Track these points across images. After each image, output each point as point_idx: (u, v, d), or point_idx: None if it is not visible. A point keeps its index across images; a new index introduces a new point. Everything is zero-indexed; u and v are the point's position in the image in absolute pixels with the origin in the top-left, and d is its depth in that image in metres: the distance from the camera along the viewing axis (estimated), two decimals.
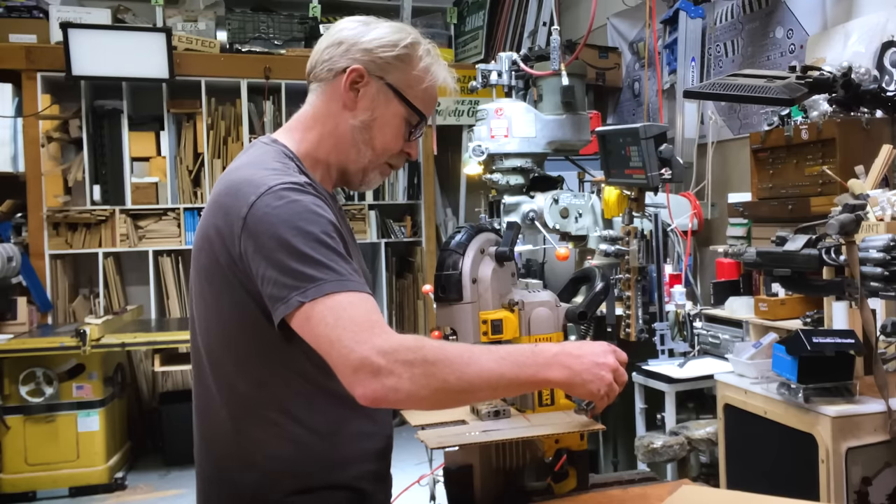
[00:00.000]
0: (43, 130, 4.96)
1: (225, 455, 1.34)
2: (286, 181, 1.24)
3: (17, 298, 4.65)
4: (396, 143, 1.39)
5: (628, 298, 2.87)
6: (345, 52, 1.36)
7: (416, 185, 5.85)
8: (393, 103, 1.37)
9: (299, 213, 1.21)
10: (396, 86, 1.37)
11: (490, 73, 3.40)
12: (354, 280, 1.19)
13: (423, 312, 5.79)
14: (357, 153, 1.38)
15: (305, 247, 1.18)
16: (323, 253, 1.19)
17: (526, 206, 3.21)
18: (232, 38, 5.50)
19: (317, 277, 1.17)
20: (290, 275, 1.17)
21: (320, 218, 1.22)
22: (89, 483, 4.37)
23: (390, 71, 1.36)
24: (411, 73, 1.37)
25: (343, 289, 1.17)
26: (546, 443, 1.50)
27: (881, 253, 1.99)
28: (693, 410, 3.06)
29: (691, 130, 4.15)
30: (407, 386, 1.12)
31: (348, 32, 1.38)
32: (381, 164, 1.41)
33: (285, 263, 1.18)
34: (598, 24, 5.06)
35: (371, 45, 1.35)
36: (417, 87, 1.38)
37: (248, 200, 1.22)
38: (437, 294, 1.52)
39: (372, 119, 1.36)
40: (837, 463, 2.06)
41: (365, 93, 1.36)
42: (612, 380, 1.27)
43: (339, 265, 1.19)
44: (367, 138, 1.37)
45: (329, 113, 1.38)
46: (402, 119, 1.38)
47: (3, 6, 4.97)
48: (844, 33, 3.19)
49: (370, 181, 1.43)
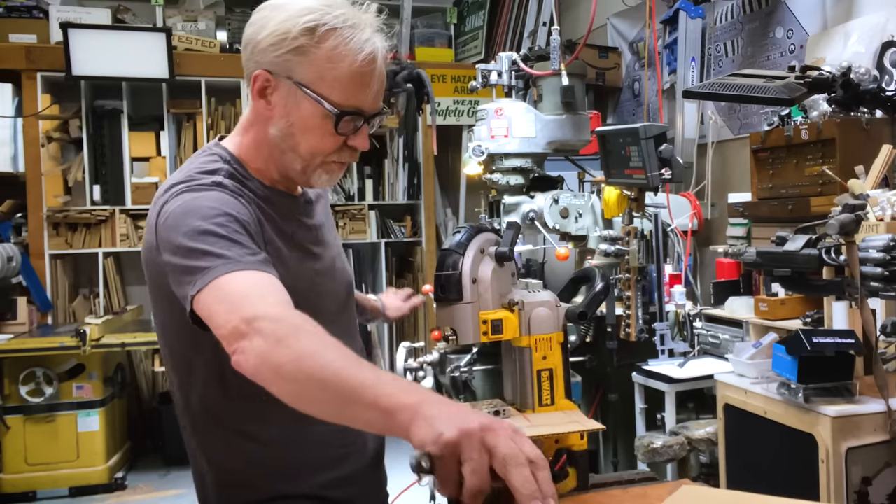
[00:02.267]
0: (43, 130, 4.96)
1: (191, 460, 1.37)
2: (183, 185, 1.21)
3: (17, 298, 4.66)
4: (325, 142, 1.25)
5: (628, 298, 2.87)
6: (249, 55, 1.25)
7: (416, 185, 5.85)
8: (305, 102, 1.22)
9: (186, 212, 1.16)
10: (304, 82, 1.21)
11: (490, 73, 3.40)
12: (244, 261, 1.11)
13: (423, 312, 5.79)
14: (288, 160, 1.28)
15: (191, 242, 1.13)
16: (210, 242, 1.12)
17: (526, 206, 3.21)
18: (232, 38, 5.50)
19: (202, 267, 1.10)
20: (183, 272, 1.12)
21: (210, 211, 1.16)
22: (89, 483, 4.38)
23: (293, 67, 1.21)
24: (317, 63, 1.20)
25: (228, 270, 1.09)
26: (546, 443, 1.50)
27: (881, 253, 1.99)
28: (693, 410, 3.05)
29: (691, 130, 4.15)
30: (256, 353, 1.00)
31: (250, 29, 1.25)
32: (321, 164, 1.28)
33: (179, 264, 1.13)
34: (598, 24, 5.06)
35: (266, 44, 1.21)
36: (329, 75, 1.20)
37: (152, 218, 1.22)
38: (437, 294, 1.52)
39: (289, 125, 1.24)
40: (837, 463, 2.06)
41: (276, 98, 1.23)
42: (477, 450, 0.84)
43: (228, 250, 1.11)
44: (292, 144, 1.25)
45: (256, 119, 1.29)
46: (321, 117, 1.22)
47: (3, 6, 4.97)
48: (844, 33, 3.19)
49: (316, 181, 1.31)
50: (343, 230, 5.61)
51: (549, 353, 1.53)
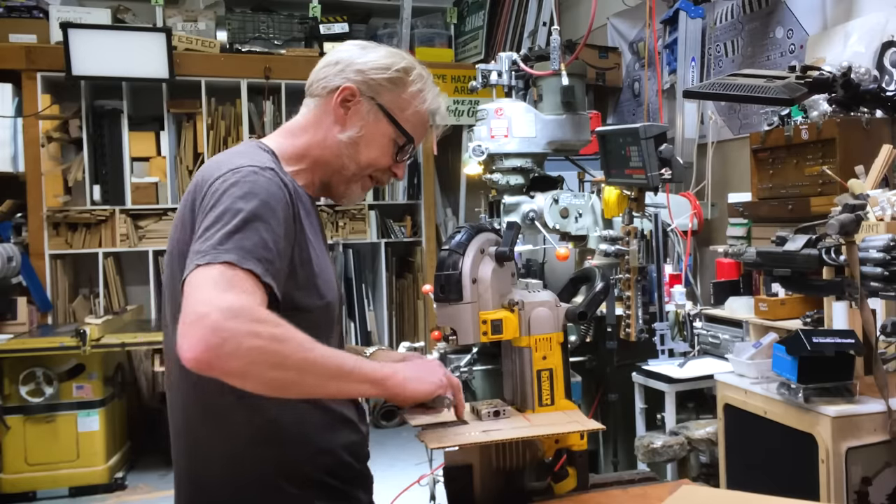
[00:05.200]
0: (43, 130, 4.97)
1: (213, 426, 1.52)
2: (250, 165, 1.29)
3: (17, 298, 4.66)
4: (382, 160, 1.46)
5: (628, 298, 2.87)
6: (339, 71, 1.44)
7: (416, 185, 5.86)
8: (382, 123, 1.44)
9: (248, 186, 1.25)
10: (387, 107, 1.44)
11: (490, 73, 3.40)
12: (251, 260, 1.17)
13: (423, 312, 5.79)
14: (341, 165, 1.45)
15: (232, 207, 1.21)
16: (246, 222, 1.20)
17: (526, 206, 3.21)
18: (232, 38, 5.51)
19: (220, 247, 1.17)
20: (207, 239, 1.18)
21: (263, 195, 1.24)
22: (89, 483, 4.38)
23: (381, 92, 1.43)
24: (402, 97, 1.44)
25: (238, 262, 1.16)
26: (546, 443, 1.50)
27: (881, 253, 1.99)
28: (693, 410, 3.05)
29: (691, 130, 4.15)
30: (237, 345, 1.09)
31: (344, 54, 1.46)
32: (363, 178, 1.48)
33: (211, 226, 1.20)
34: (598, 24, 5.06)
35: (365, 67, 1.43)
36: (407, 109, 1.45)
37: (214, 175, 1.29)
38: (437, 294, 1.52)
39: (359, 135, 1.43)
40: (837, 463, 2.06)
41: (355, 110, 1.43)
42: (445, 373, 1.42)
43: (250, 241, 1.18)
44: (353, 153, 1.44)
45: (319, 124, 1.45)
46: (390, 139, 1.45)
47: (3, 6, 4.97)
48: (844, 33, 3.19)
49: (352, 193, 1.50)
50: (343, 230, 5.61)
51: (549, 353, 1.53)
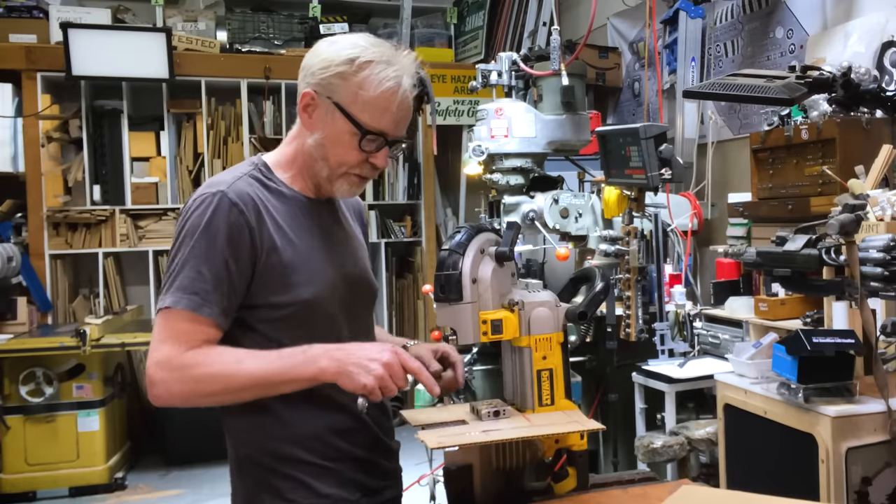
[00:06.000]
0: (43, 130, 4.97)
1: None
2: (205, 192, 1.43)
3: (17, 298, 4.66)
4: (350, 156, 1.47)
5: (628, 298, 2.87)
6: (302, 78, 1.49)
7: (416, 185, 5.85)
8: (339, 120, 1.45)
9: (195, 219, 1.40)
10: (341, 103, 1.45)
11: (490, 73, 3.40)
12: (185, 298, 1.37)
13: (423, 312, 5.79)
14: (318, 168, 1.51)
15: (178, 253, 1.41)
16: (184, 263, 1.39)
17: (526, 206, 3.21)
18: (232, 38, 5.50)
19: (164, 295, 1.39)
20: (162, 284, 1.43)
21: (203, 224, 1.39)
22: (89, 483, 4.38)
23: (335, 90, 1.45)
24: (351, 89, 1.44)
25: (173, 305, 1.37)
26: (546, 443, 1.50)
27: (881, 253, 1.99)
28: (693, 410, 3.05)
29: (691, 130, 4.15)
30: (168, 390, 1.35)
31: (308, 58, 1.50)
32: (343, 175, 1.50)
33: (165, 271, 1.43)
34: (598, 24, 5.06)
35: (315, 68, 1.46)
36: (360, 100, 1.44)
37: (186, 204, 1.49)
38: (437, 294, 1.52)
39: (323, 137, 1.47)
40: (837, 463, 2.06)
41: (317, 114, 1.47)
42: (383, 374, 1.32)
43: (187, 279, 1.37)
44: (322, 155, 1.49)
45: (301, 132, 1.53)
46: (351, 134, 1.45)
47: (3, 6, 4.97)
48: (844, 33, 3.19)
49: (339, 190, 1.53)
50: None
51: (549, 353, 1.53)
